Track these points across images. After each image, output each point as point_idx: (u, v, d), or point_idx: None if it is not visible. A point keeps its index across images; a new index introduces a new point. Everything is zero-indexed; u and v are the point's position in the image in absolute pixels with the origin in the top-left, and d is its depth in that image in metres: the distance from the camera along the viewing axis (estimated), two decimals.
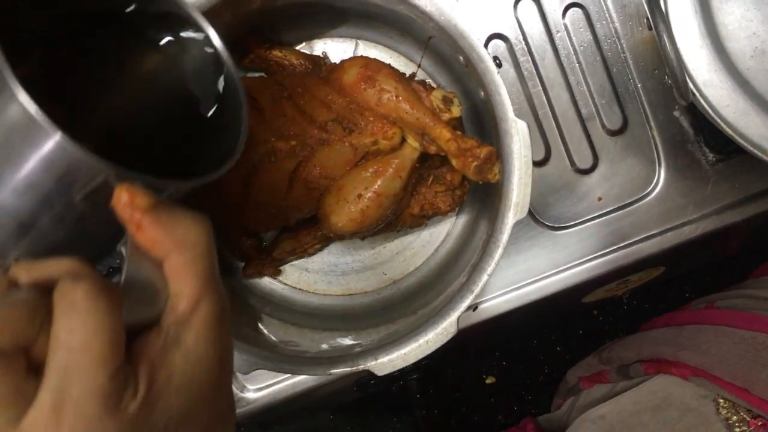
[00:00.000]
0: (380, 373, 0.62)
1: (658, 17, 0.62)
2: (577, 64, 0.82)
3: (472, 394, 1.09)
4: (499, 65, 0.80)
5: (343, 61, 0.69)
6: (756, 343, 0.69)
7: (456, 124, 0.68)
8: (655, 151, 0.83)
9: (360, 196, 0.66)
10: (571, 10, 0.82)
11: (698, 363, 0.70)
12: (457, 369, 1.09)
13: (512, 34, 0.82)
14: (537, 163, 0.83)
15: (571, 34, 0.82)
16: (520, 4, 0.82)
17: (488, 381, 1.08)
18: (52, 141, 0.35)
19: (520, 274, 0.84)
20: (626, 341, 0.85)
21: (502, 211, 0.61)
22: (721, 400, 0.69)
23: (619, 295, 1.00)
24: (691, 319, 0.82)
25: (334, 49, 0.79)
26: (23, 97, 0.34)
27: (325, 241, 0.79)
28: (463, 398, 1.09)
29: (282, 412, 0.91)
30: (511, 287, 0.84)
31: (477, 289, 0.62)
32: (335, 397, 1.07)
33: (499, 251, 0.61)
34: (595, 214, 0.83)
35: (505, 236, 0.61)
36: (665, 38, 0.62)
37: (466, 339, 0.94)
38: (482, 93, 0.63)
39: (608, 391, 0.86)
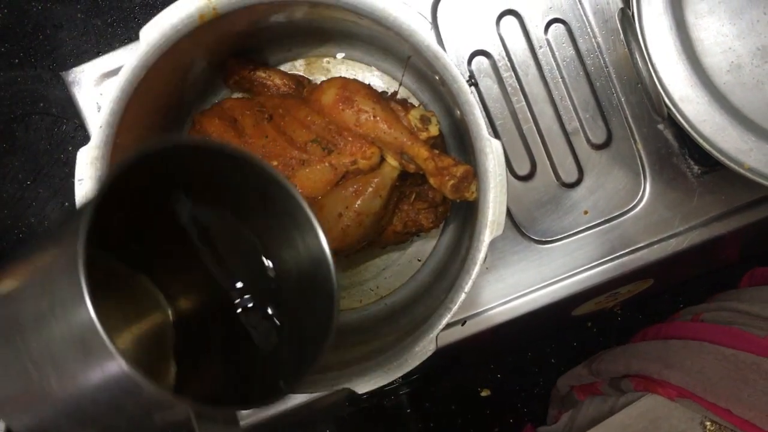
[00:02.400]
0: (360, 391, 0.63)
1: (630, 35, 0.63)
2: (560, 79, 0.83)
3: (468, 407, 1.09)
4: (474, 84, 0.81)
5: (322, 83, 0.70)
6: (738, 361, 0.69)
7: (436, 143, 0.69)
8: (640, 164, 0.83)
9: (340, 215, 0.67)
10: (553, 26, 0.83)
11: (683, 382, 0.70)
12: (451, 382, 1.09)
13: (495, 50, 0.83)
14: (522, 178, 0.84)
15: (554, 50, 0.83)
16: (502, 21, 0.83)
17: (483, 394, 1.08)
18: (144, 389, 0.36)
19: (509, 288, 0.84)
20: (615, 353, 0.85)
21: (478, 228, 0.62)
22: (708, 423, 0.69)
23: (609, 307, 1.00)
24: (677, 333, 0.82)
25: (318, 68, 0.80)
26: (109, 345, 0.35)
27: None
28: (458, 411, 1.09)
29: (275, 427, 0.92)
30: (500, 301, 0.84)
31: (454, 307, 0.62)
32: (330, 411, 1.08)
33: (476, 269, 0.62)
34: (581, 228, 0.84)
35: (481, 254, 0.61)
36: (637, 55, 0.63)
37: (458, 352, 0.94)
38: (458, 112, 0.64)
39: (602, 403, 0.86)
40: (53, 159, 1.08)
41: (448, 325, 0.84)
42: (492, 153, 0.61)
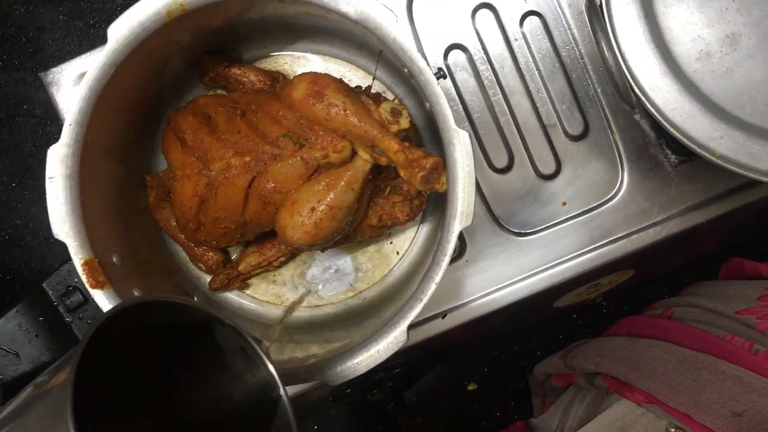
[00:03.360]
0: (333, 383, 0.63)
1: (596, 24, 0.63)
2: (536, 72, 0.83)
3: (455, 401, 1.09)
4: (443, 76, 0.81)
5: (293, 78, 0.70)
6: (697, 362, 0.69)
7: (408, 135, 0.69)
8: (617, 154, 0.83)
9: (313, 209, 0.67)
10: (528, 19, 0.83)
11: (647, 387, 0.70)
12: (438, 377, 1.09)
13: (471, 44, 0.83)
14: (500, 171, 0.84)
15: (530, 42, 0.83)
16: (478, 14, 0.83)
17: (470, 388, 1.08)
18: None
19: (488, 280, 0.85)
20: (587, 347, 0.85)
21: (447, 220, 0.62)
22: (673, 429, 0.69)
23: (591, 298, 1.00)
24: (645, 331, 0.82)
25: (293, 64, 0.80)
26: None
27: (290, 254, 0.80)
28: (445, 405, 1.09)
29: None
30: (480, 294, 0.84)
31: (425, 298, 0.62)
32: (315, 406, 1.08)
33: (446, 259, 0.62)
34: (559, 219, 0.84)
35: (451, 245, 0.62)
36: (604, 45, 0.63)
37: (441, 346, 0.94)
38: (427, 104, 0.64)
39: (590, 406, 0.86)
40: (38, 160, 1.09)
41: (428, 319, 0.84)
42: (460, 144, 0.61)
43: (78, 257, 0.63)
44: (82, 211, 0.64)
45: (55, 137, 1.10)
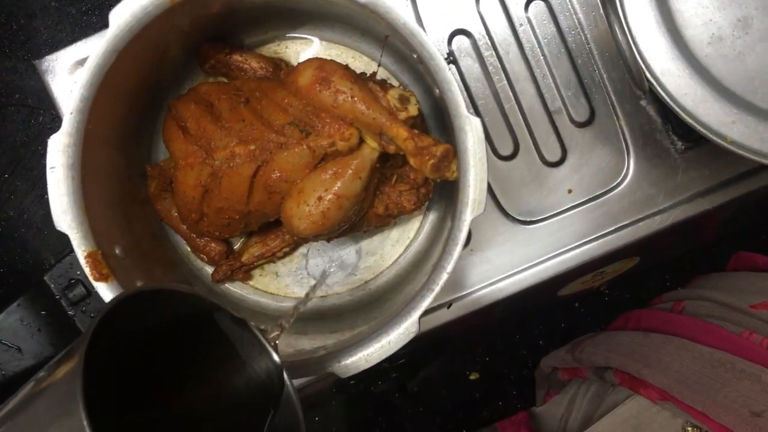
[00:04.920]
0: (344, 375, 0.62)
1: (609, 8, 0.62)
2: (542, 57, 0.82)
3: (457, 391, 1.09)
4: (452, 62, 0.80)
5: (298, 64, 0.68)
6: (713, 359, 0.68)
7: (415, 123, 0.68)
8: (623, 141, 0.83)
9: (320, 198, 0.66)
10: (533, 3, 0.82)
11: (662, 383, 0.69)
12: (440, 366, 1.08)
13: (476, 29, 0.82)
14: (505, 158, 0.83)
15: (535, 28, 0.82)
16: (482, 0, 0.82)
17: (472, 377, 1.08)
18: None
19: (494, 269, 0.84)
20: (596, 341, 0.85)
21: (459, 208, 0.61)
22: (690, 428, 0.68)
23: (596, 286, 0.99)
24: (657, 326, 0.81)
25: (295, 50, 0.79)
26: None
27: (294, 244, 0.78)
28: (447, 395, 1.09)
29: None
30: (486, 283, 0.84)
31: (437, 288, 0.61)
32: (318, 398, 1.07)
33: (458, 249, 0.61)
34: (565, 207, 0.83)
35: (462, 233, 0.61)
36: (617, 29, 0.62)
37: (445, 336, 0.94)
38: (437, 90, 0.63)
39: (594, 398, 0.85)
40: (31, 151, 1.07)
41: (434, 309, 0.83)
42: (471, 131, 0.60)
43: (81, 249, 0.61)
44: (84, 201, 0.62)
45: (48, 127, 1.09)
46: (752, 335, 0.70)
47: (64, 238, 1.11)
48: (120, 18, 0.60)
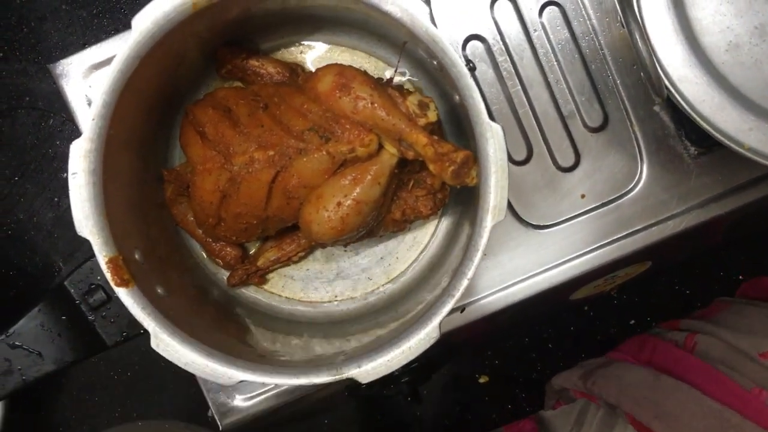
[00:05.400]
0: (364, 381, 0.62)
1: (629, 15, 0.62)
2: (555, 63, 0.82)
3: (466, 394, 1.09)
4: (473, 68, 0.80)
5: (317, 70, 0.69)
6: (723, 419, 0.69)
7: (433, 129, 0.68)
8: (636, 146, 0.83)
9: (339, 204, 0.66)
10: (547, 9, 0.82)
11: None
12: (450, 370, 1.09)
13: (490, 34, 0.82)
14: (519, 163, 0.83)
15: (549, 33, 0.82)
16: (496, 5, 0.82)
17: (481, 380, 1.08)
18: None
19: (507, 274, 0.84)
20: (608, 374, 0.85)
21: (480, 214, 0.61)
22: None
23: (607, 290, 1.00)
24: (669, 365, 0.81)
25: (311, 55, 0.79)
26: None
27: (309, 249, 0.79)
28: (457, 398, 1.09)
29: (273, 420, 0.91)
30: (499, 287, 0.84)
31: (458, 294, 0.62)
32: (328, 402, 1.07)
33: (479, 255, 0.61)
34: (578, 212, 0.83)
35: (483, 240, 0.61)
36: (637, 36, 0.62)
37: (456, 340, 0.94)
38: (457, 97, 0.63)
39: (600, 414, 0.85)
40: (41, 154, 1.07)
41: (448, 313, 0.84)
42: (493, 137, 0.60)
43: (102, 255, 0.61)
44: (105, 207, 0.62)
45: (58, 130, 1.09)
46: (762, 393, 0.70)
47: (74, 242, 1.12)
48: (142, 24, 0.60)
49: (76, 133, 1.07)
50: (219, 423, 0.85)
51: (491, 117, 0.80)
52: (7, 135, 1.06)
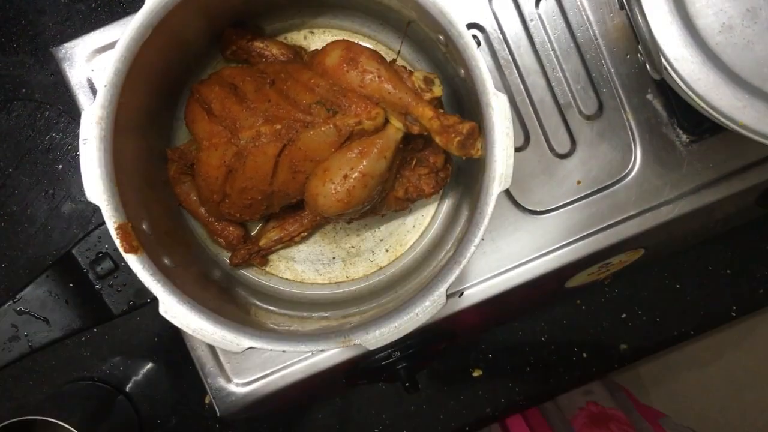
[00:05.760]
0: (372, 347, 0.63)
1: None
2: (552, 52, 0.85)
3: (460, 388, 1.09)
4: (478, 43, 0.82)
5: (325, 46, 0.70)
6: None
7: (437, 104, 0.69)
8: (630, 134, 0.85)
9: (346, 176, 0.67)
10: (544, 0, 0.84)
11: None
12: (443, 363, 1.09)
13: (488, 23, 0.84)
14: (516, 149, 0.85)
15: (545, 23, 0.85)
16: None
17: (475, 374, 1.09)
18: None
19: (504, 259, 0.85)
20: None
21: (485, 183, 0.62)
22: None
23: (601, 278, 1.01)
24: None
25: (314, 39, 0.80)
26: None
27: (312, 229, 0.79)
28: (450, 392, 1.09)
29: (270, 407, 0.91)
30: (496, 272, 0.85)
31: (464, 261, 0.63)
32: (325, 390, 1.07)
33: (485, 222, 0.62)
34: (574, 198, 0.85)
35: (490, 207, 0.62)
36: (637, 13, 0.64)
37: (454, 327, 0.94)
38: (462, 71, 0.65)
39: None
40: (36, 146, 1.07)
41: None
42: (499, 106, 0.61)
43: (112, 221, 0.62)
44: (115, 174, 0.62)
45: (54, 122, 1.09)
46: None
47: (67, 234, 1.11)
48: None
49: (72, 125, 1.08)
50: (216, 409, 0.85)
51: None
52: (2, 126, 1.05)
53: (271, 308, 0.78)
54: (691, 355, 1.51)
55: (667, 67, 0.69)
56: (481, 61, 0.62)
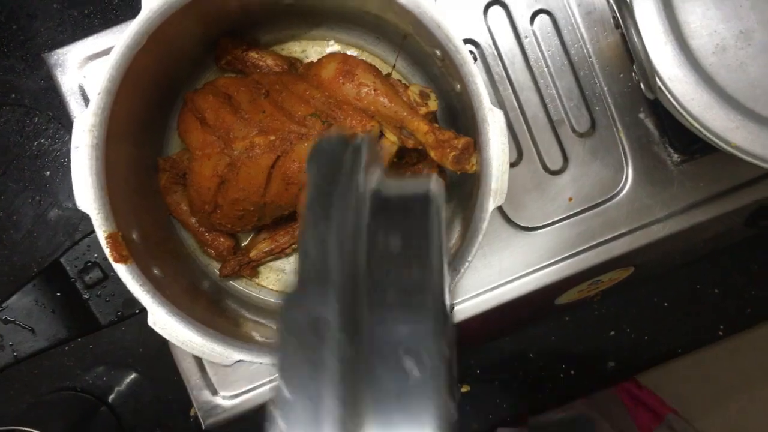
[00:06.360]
0: None
1: (625, 12, 0.65)
2: (545, 68, 0.85)
3: None
4: (474, 58, 0.82)
5: (321, 58, 0.70)
6: None
7: (432, 118, 0.69)
8: (622, 152, 0.85)
9: None
10: (539, 17, 0.85)
11: None
12: None
13: (483, 39, 0.85)
14: (509, 165, 0.85)
15: (540, 40, 0.85)
16: (489, 11, 0.85)
17: (463, 390, 1.08)
18: None
19: (495, 275, 0.85)
20: None
21: (480, 198, 0.62)
22: None
23: (590, 296, 1.01)
24: None
25: (310, 51, 0.80)
26: None
27: None
28: None
29: (258, 421, 0.90)
30: (487, 288, 0.85)
31: (458, 276, 0.62)
32: None
33: (479, 237, 0.62)
34: (566, 215, 0.85)
35: (485, 223, 0.62)
36: (633, 33, 0.64)
37: None
38: (458, 86, 0.65)
39: None
40: (24, 152, 1.05)
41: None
42: (495, 122, 0.61)
43: (102, 230, 0.61)
44: (106, 183, 0.62)
45: (43, 128, 1.08)
46: None
47: (53, 241, 1.10)
48: (152, 2, 0.61)
49: (60, 132, 1.07)
50: (202, 422, 0.84)
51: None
52: None
53: (261, 320, 0.77)
54: (678, 372, 1.51)
55: (662, 86, 0.69)
56: (477, 77, 0.62)
